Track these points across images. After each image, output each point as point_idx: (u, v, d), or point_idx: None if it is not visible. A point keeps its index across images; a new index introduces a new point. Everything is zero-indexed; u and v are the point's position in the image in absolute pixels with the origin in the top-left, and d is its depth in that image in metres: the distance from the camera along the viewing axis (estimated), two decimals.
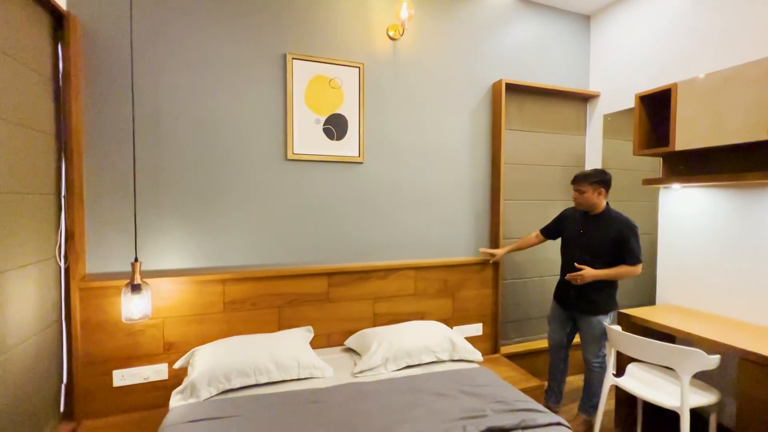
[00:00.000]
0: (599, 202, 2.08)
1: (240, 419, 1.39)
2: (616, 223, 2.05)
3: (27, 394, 1.48)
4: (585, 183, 2.06)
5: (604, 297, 2.07)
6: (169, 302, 1.87)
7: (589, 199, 2.07)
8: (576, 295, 2.11)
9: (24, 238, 1.46)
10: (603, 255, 2.06)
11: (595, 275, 2.01)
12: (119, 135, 1.81)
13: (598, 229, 2.09)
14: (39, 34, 1.57)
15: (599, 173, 2.07)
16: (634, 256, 2.00)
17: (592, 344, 2.09)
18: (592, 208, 2.10)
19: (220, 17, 1.97)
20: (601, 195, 2.07)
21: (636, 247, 2.00)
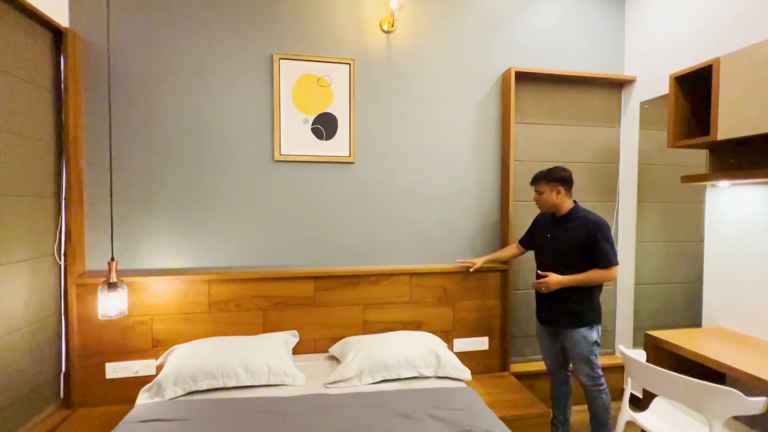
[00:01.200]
0: (561, 202, 1.86)
1: (190, 423, 1.38)
2: (583, 223, 1.82)
3: (25, 379, 1.62)
4: (541, 182, 1.87)
5: (582, 307, 1.83)
6: (158, 300, 1.94)
7: (548, 200, 1.86)
8: (550, 306, 1.89)
9: (21, 236, 1.59)
10: (574, 260, 1.82)
11: (560, 282, 1.79)
12: (120, 143, 1.92)
13: (564, 231, 1.86)
14: (40, 50, 1.71)
15: (554, 170, 1.86)
16: (607, 258, 1.75)
17: (581, 363, 1.83)
18: (555, 210, 1.89)
19: (207, 21, 2.01)
20: (561, 194, 1.85)
21: (607, 247, 1.76)
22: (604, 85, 2.51)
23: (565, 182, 1.84)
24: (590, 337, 1.82)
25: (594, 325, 1.84)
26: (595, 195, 2.53)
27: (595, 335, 1.84)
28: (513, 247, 2.18)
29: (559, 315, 1.87)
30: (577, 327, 1.83)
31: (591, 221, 1.80)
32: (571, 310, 1.84)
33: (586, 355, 1.83)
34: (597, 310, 1.86)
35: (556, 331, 1.93)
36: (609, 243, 1.77)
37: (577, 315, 1.83)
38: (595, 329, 1.85)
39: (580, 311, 1.83)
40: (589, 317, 1.83)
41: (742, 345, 1.69)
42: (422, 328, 2.23)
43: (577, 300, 1.83)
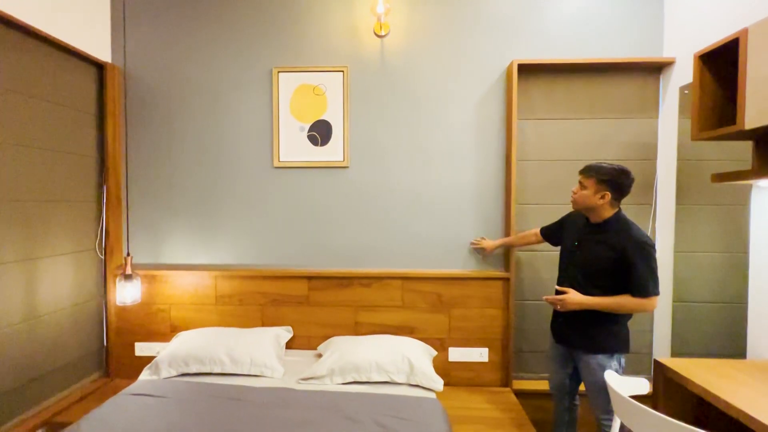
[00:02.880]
0: (599, 207, 1.58)
1: (167, 400, 1.58)
2: (622, 237, 1.53)
3: (70, 349, 2.01)
4: (590, 176, 1.59)
5: (602, 331, 1.57)
6: (175, 291, 2.24)
7: (586, 199, 1.59)
8: (566, 323, 1.66)
9: (68, 233, 1.98)
10: (599, 278, 1.56)
11: (581, 303, 1.54)
12: (148, 155, 2.26)
13: (596, 243, 1.59)
14: (86, 82, 2.10)
15: (614, 172, 1.56)
16: (643, 286, 1.46)
17: (596, 394, 1.58)
18: (590, 213, 1.63)
19: (215, 45, 2.24)
20: (605, 200, 1.57)
21: (647, 272, 1.46)
22: (636, 71, 2.18)
23: (617, 189, 1.55)
24: (608, 367, 1.56)
25: (616, 354, 1.59)
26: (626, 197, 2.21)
27: (615, 365, 1.58)
28: (532, 234, 1.98)
29: (573, 334, 1.66)
30: (593, 353, 1.60)
31: (631, 237, 1.51)
32: (589, 333, 1.61)
33: (601, 386, 1.60)
34: (622, 338, 1.59)
35: (569, 351, 1.71)
36: (650, 267, 1.48)
37: (594, 339, 1.59)
38: (616, 358, 1.59)
39: (599, 336, 1.59)
40: (610, 344, 1.58)
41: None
42: (414, 333, 2.19)
43: (597, 322, 1.58)
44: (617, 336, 1.59)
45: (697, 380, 1.38)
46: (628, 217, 1.64)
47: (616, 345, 1.58)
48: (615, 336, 1.58)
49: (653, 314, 2.22)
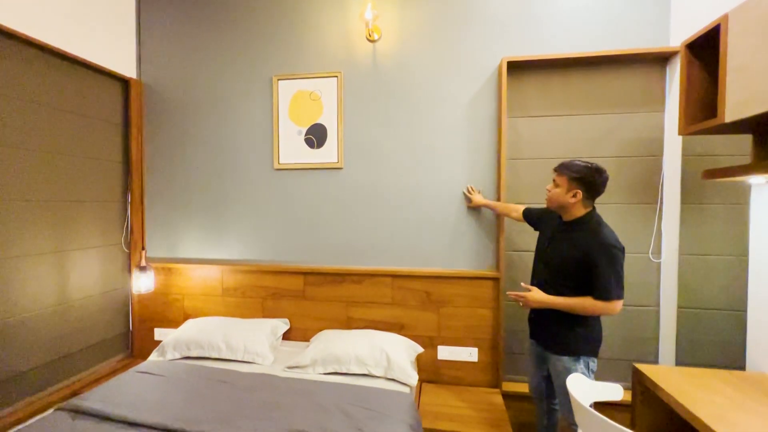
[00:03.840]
0: (571, 206, 1.55)
1: (164, 379, 1.77)
2: (588, 237, 1.48)
3: (98, 332, 2.29)
4: (563, 174, 1.56)
5: (569, 333, 1.54)
6: (188, 283, 2.46)
7: (558, 197, 1.57)
8: (535, 320, 1.65)
9: (97, 229, 2.26)
10: (565, 278, 1.54)
11: (541, 301, 1.54)
12: (165, 160, 2.51)
13: (565, 242, 1.57)
14: (113, 96, 2.38)
15: (586, 170, 1.52)
16: (604, 288, 1.41)
17: (562, 397, 1.55)
18: (562, 211, 1.60)
19: (222, 57, 2.43)
20: (576, 198, 1.53)
21: (609, 275, 1.41)
22: (640, 62, 2.07)
23: (589, 188, 1.50)
24: (573, 370, 1.53)
25: (582, 356, 1.55)
26: (628, 195, 2.11)
27: (581, 368, 1.54)
28: (515, 209, 1.97)
29: (542, 332, 1.67)
30: (559, 354, 1.58)
31: (597, 238, 1.46)
32: (555, 333, 1.60)
33: (566, 390, 1.58)
34: (590, 341, 1.54)
35: (543, 352, 1.69)
36: (614, 270, 1.43)
37: (561, 340, 1.58)
38: (583, 361, 1.54)
39: (566, 337, 1.56)
40: (575, 346, 1.54)
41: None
42: (404, 330, 2.24)
43: (562, 323, 1.56)
44: (584, 338, 1.54)
45: (669, 389, 1.31)
46: (602, 219, 1.58)
47: (581, 347, 1.54)
48: (581, 338, 1.54)
49: (659, 321, 2.09)
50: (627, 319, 2.12)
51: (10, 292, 1.81)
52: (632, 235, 2.11)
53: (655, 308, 2.10)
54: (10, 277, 1.81)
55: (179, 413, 1.46)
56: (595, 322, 1.55)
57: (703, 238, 1.95)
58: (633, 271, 2.11)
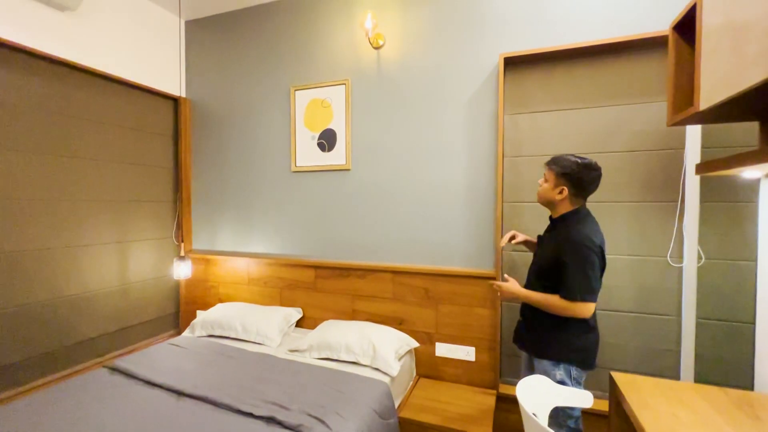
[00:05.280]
0: (558, 203, 1.52)
1: (185, 350, 2.09)
2: (562, 235, 1.44)
3: (152, 310, 2.75)
4: (552, 169, 1.53)
5: (549, 336, 1.50)
6: (222, 272, 2.82)
7: (545, 192, 1.55)
8: (522, 324, 1.64)
9: (152, 224, 2.72)
10: (544, 276, 1.52)
11: (513, 293, 1.54)
12: (207, 165, 2.91)
13: (548, 240, 1.56)
14: (166, 113, 2.84)
15: (575, 165, 1.47)
16: (569, 289, 1.38)
17: None
18: (550, 208, 1.58)
19: (251, 72, 2.75)
20: (563, 195, 1.49)
21: (576, 276, 1.37)
22: (653, 47, 1.89)
23: (576, 184, 1.46)
24: (552, 376, 1.49)
25: (563, 362, 1.50)
26: (644, 193, 1.93)
27: (560, 374, 1.49)
28: None
29: (526, 335, 1.65)
30: (539, 357, 1.56)
31: (571, 235, 1.42)
32: (537, 335, 1.57)
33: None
34: (573, 348, 1.48)
35: (530, 356, 1.66)
36: (581, 270, 1.38)
37: (541, 342, 1.55)
38: (564, 368, 1.49)
39: (546, 340, 1.53)
40: (555, 351, 1.50)
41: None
42: (404, 325, 2.31)
43: (543, 326, 1.53)
44: (565, 344, 1.48)
45: (632, 399, 1.22)
46: (588, 217, 1.51)
47: (562, 353, 1.48)
48: (562, 343, 1.48)
49: (681, 333, 1.87)
50: (643, 328, 1.94)
51: (82, 273, 2.29)
52: (649, 236, 1.93)
53: (676, 318, 1.89)
54: (83, 261, 2.29)
55: (185, 378, 1.74)
56: (578, 330, 1.47)
57: (731, 240, 1.72)
58: (650, 277, 1.93)
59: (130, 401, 1.57)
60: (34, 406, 1.52)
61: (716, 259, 1.79)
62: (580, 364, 1.49)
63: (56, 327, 2.16)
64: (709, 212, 1.79)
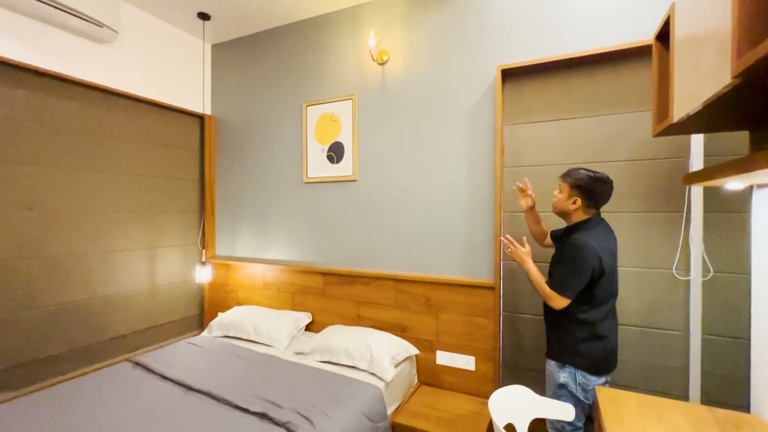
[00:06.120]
0: (572, 213, 1.60)
1: (201, 349, 2.27)
2: (570, 241, 1.53)
3: (178, 311, 2.98)
4: (566, 181, 1.62)
5: (555, 338, 1.59)
6: (241, 277, 3.01)
7: (560, 203, 1.63)
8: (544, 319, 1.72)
9: (179, 232, 2.97)
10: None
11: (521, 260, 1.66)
12: (228, 177, 3.13)
13: (560, 247, 1.64)
14: (192, 130, 3.09)
15: (587, 178, 1.55)
16: (555, 278, 1.53)
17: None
18: (565, 217, 1.66)
19: (268, 90, 2.94)
20: (576, 205, 1.57)
21: (566, 272, 1.49)
22: None
23: (589, 196, 1.55)
24: (556, 377, 1.57)
25: (567, 366, 1.55)
26: (647, 203, 1.88)
27: (565, 378, 1.54)
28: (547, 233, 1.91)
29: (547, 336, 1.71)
30: (548, 357, 1.65)
31: (572, 240, 1.53)
32: (549, 336, 1.66)
33: (549, 397, 1.57)
34: (579, 353, 1.52)
35: None
36: (571, 267, 1.49)
37: (550, 342, 1.65)
38: (569, 372, 1.54)
39: (554, 340, 1.62)
40: (559, 353, 1.58)
41: None
42: (406, 332, 2.36)
43: (554, 326, 1.62)
44: (569, 347, 1.53)
45: (606, 413, 1.21)
46: (600, 225, 1.58)
47: (566, 356, 1.54)
48: (566, 346, 1.54)
49: (689, 350, 1.79)
50: (647, 343, 1.88)
51: (116, 276, 2.55)
52: (653, 248, 1.87)
53: (683, 333, 1.81)
54: (116, 265, 2.55)
55: (196, 374, 1.90)
56: (586, 335, 1.51)
57: (740, 252, 1.64)
58: (655, 290, 1.87)
59: (144, 393, 1.74)
60: (65, 393, 1.73)
61: (725, 272, 1.71)
62: (586, 369, 1.52)
63: (92, 324, 2.42)
64: (717, 223, 1.71)
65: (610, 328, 1.54)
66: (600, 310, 1.51)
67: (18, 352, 2.07)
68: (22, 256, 2.09)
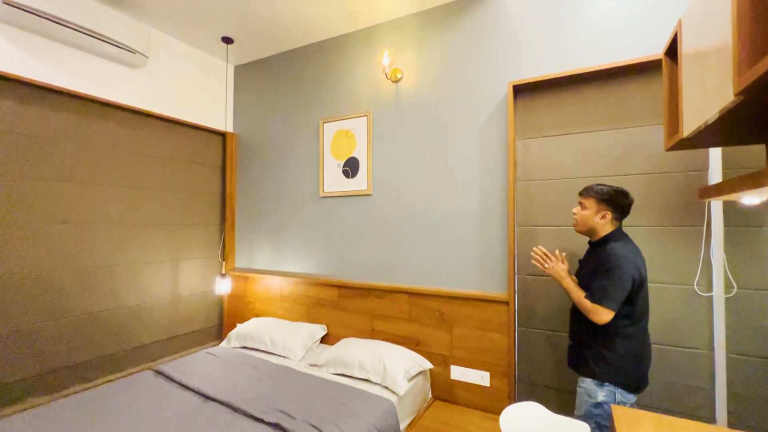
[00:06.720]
0: (600, 227, 1.59)
1: (218, 358, 2.32)
2: (604, 252, 1.52)
3: (199, 322, 3.07)
4: (589, 196, 1.62)
5: (591, 354, 1.54)
6: (258, 289, 3.08)
7: (587, 219, 1.61)
8: (571, 333, 1.69)
9: (200, 245, 3.08)
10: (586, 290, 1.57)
11: (558, 276, 1.63)
12: (248, 192, 3.24)
13: (590, 261, 1.62)
14: (215, 147, 3.23)
15: (613, 191, 1.57)
16: (594, 290, 1.49)
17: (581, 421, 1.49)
18: (591, 233, 1.63)
19: (285, 108, 3.06)
20: (605, 219, 1.57)
21: (604, 283, 1.46)
22: None
23: (618, 208, 1.56)
24: (593, 396, 1.52)
25: (607, 383, 1.51)
26: (665, 217, 1.85)
27: (602, 397, 1.50)
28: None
29: (572, 351, 1.67)
30: (582, 375, 1.59)
31: (610, 252, 1.50)
32: (581, 352, 1.60)
33: (583, 416, 1.55)
34: (618, 368, 1.49)
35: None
36: (609, 279, 1.45)
37: (586, 359, 1.56)
38: (607, 390, 1.50)
39: (588, 356, 1.55)
40: (597, 370, 1.52)
41: None
42: (420, 346, 2.36)
43: (593, 342, 1.54)
44: (607, 362, 1.50)
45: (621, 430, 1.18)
46: (627, 236, 1.58)
47: (606, 374, 1.50)
48: (604, 361, 1.50)
49: (714, 367, 1.73)
50: (669, 361, 1.82)
51: (141, 286, 2.66)
52: (672, 262, 1.83)
53: (707, 352, 1.75)
54: (141, 276, 2.66)
55: (213, 384, 1.95)
56: (620, 347, 1.48)
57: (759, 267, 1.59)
58: (675, 306, 1.82)
59: (164, 401, 1.80)
60: (92, 400, 1.80)
61: (749, 288, 1.65)
62: (627, 387, 1.49)
63: (117, 333, 2.52)
64: (740, 237, 1.67)
65: (648, 344, 1.54)
66: (641, 325, 1.51)
67: (49, 359, 2.18)
68: (55, 267, 2.22)
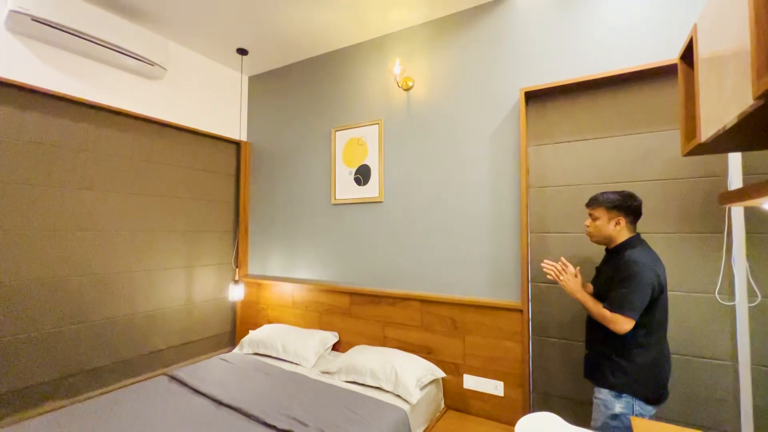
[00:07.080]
0: (616, 234, 1.57)
1: (231, 365, 2.34)
2: (621, 259, 1.50)
3: (212, 328, 3.10)
4: (597, 206, 1.61)
5: (608, 364, 1.51)
6: (271, 295, 3.10)
7: (601, 230, 1.60)
8: (586, 342, 1.66)
9: (215, 251, 3.12)
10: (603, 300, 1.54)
11: (572, 290, 1.58)
12: (261, 200, 3.29)
13: (608, 268, 1.59)
14: (229, 156, 3.29)
15: (620, 197, 1.56)
16: (613, 300, 1.45)
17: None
18: (607, 242, 1.62)
19: (297, 119, 3.10)
20: (620, 225, 1.56)
21: (623, 291, 1.43)
22: None
23: (630, 212, 1.55)
24: (610, 407, 1.49)
25: (625, 394, 1.47)
26: (682, 224, 1.81)
27: (620, 408, 1.47)
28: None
29: (588, 364, 1.64)
30: (599, 386, 1.56)
31: (629, 259, 1.46)
32: (598, 362, 1.57)
33: (600, 428, 1.52)
34: (637, 379, 1.46)
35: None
36: (629, 285, 1.43)
37: (602, 370, 1.54)
38: (626, 401, 1.47)
39: (606, 368, 1.52)
40: (615, 381, 1.49)
41: None
42: (432, 354, 2.34)
43: (610, 352, 1.51)
44: (625, 372, 1.47)
45: None
46: (644, 243, 1.55)
47: (624, 385, 1.46)
48: (621, 371, 1.48)
49: (739, 377, 1.67)
50: (690, 373, 1.77)
51: (156, 292, 2.70)
52: (692, 270, 1.79)
53: (731, 363, 1.69)
54: (156, 283, 2.71)
55: (227, 390, 1.96)
56: (643, 358, 1.45)
57: None
58: (695, 315, 1.77)
59: (179, 406, 1.82)
60: (107, 404, 1.83)
61: None
62: (646, 399, 1.46)
63: (134, 338, 2.56)
64: (763, 244, 1.62)
65: (667, 354, 1.51)
66: (659, 335, 1.48)
67: (68, 363, 2.23)
68: (75, 273, 2.28)
